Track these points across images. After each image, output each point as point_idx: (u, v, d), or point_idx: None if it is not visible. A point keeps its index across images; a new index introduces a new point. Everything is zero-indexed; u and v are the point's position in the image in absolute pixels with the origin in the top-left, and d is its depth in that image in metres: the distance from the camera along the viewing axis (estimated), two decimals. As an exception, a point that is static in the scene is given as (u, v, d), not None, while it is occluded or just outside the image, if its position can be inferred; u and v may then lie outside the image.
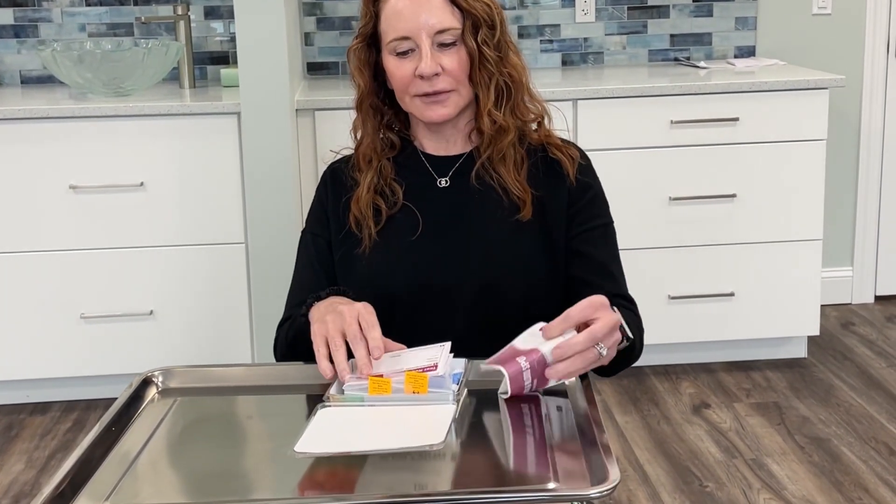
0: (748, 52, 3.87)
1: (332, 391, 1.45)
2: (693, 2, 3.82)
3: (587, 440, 1.33)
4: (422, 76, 1.66)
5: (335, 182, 1.80)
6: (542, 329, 1.44)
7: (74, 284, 3.20)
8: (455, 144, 1.78)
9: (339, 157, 1.84)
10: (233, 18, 3.38)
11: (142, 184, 3.16)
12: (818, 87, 3.33)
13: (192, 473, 1.35)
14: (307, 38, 3.72)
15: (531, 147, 1.77)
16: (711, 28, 3.84)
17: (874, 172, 4.00)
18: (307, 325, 1.58)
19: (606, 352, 1.41)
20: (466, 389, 1.46)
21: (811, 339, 3.62)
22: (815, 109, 3.34)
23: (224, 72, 3.50)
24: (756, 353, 3.56)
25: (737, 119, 3.32)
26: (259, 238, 3.07)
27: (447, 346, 1.50)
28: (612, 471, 1.22)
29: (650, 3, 3.81)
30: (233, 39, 3.61)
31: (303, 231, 1.83)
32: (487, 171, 1.74)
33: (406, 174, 1.77)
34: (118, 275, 3.21)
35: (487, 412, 1.42)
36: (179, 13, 3.49)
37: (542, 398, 1.45)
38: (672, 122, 3.31)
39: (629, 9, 3.80)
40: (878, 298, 4.11)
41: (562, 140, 1.79)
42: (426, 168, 1.77)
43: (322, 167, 2.55)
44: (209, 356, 3.22)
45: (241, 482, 1.32)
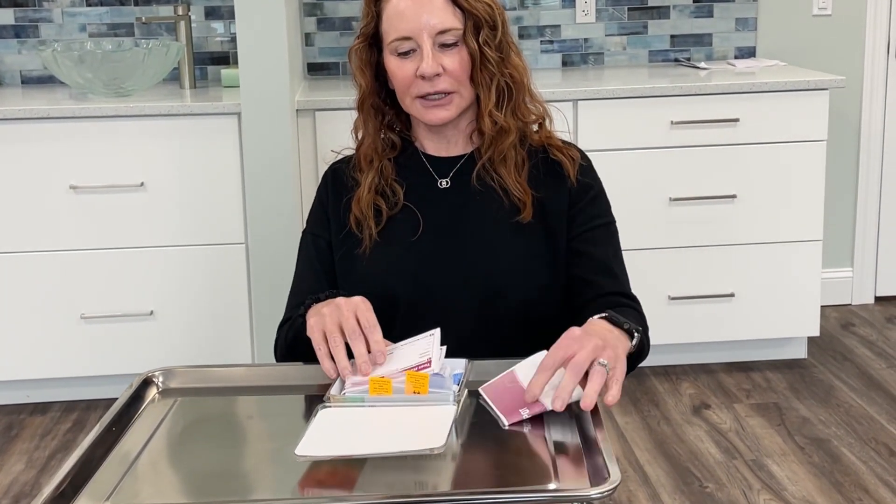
0: (748, 53, 3.87)
1: (333, 392, 1.45)
2: (693, 2, 3.82)
3: (587, 441, 1.33)
4: (423, 76, 1.66)
5: (336, 182, 1.80)
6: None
7: (75, 284, 3.20)
8: (456, 145, 1.78)
9: (340, 158, 1.84)
10: (233, 19, 3.37)
11: (142, 184, 3.16)
12: (818, 88, 3.33)
13: (193, 474, 1.35)
14: (308, 39, 3.72)
15: (532, 148, 1.77)
16: (712, 29, 3.84)
17: (874, 173, 4.00)
18: (305, 327, 1.58)
19: (609, 362, 1.38)
20: (467, 390, 1.46)
21: (811, 340, 3.62)
22: (816, 110, 3.34)
23: (224, 72, 3.50)
24: (756, 354, 3.56)
25: (737, 120, 3.32)
26: (259, 238, 3.07)
27: (437, 335, 1.49)
28: (613, 471, 1.22)
29: (650, 4, 3.81)
30: (233, 40, 3.61)
31: (303, 231, 1.83)
32: (488, 173, 1.73)
33: (407, 175, 1.77)
34: (118, 275, 3.21)
35: (488, 412, 1.42)
36: (180, 13, 3.49)
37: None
38: (672, 123, 3.31)
39: (629, 9, 3.80)
40: (878, 299, 4.11)
41: (562, 141, 1.79)
42: (427, 169, 1.77)
43: (322, 167, 2.56)
44: (209, 356, 3.22)
45: (242, 482, 1.32)
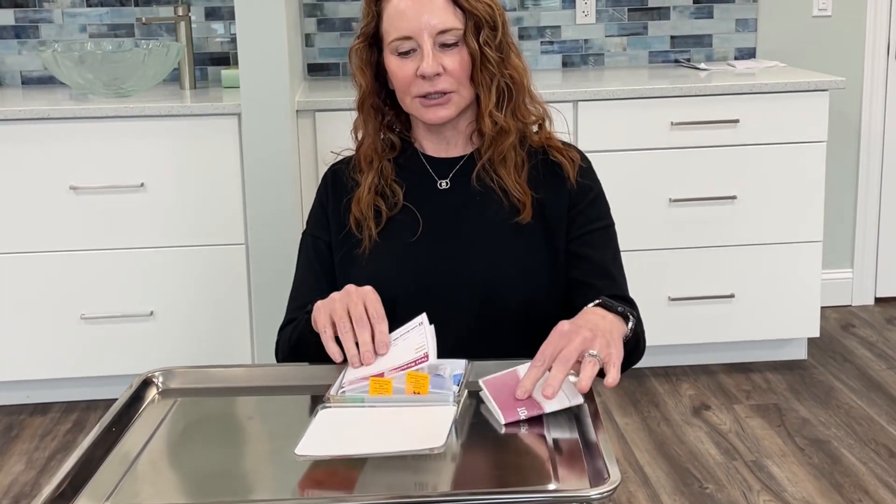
0: (748, 54, 3.87)
1: (333, 392, 1.45)
2: (693, 3, 3.82)
3: (587, 441, 1.33)
4: (423, 76, 1.66)
5: (336, 183, 1.80)
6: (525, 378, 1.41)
7: (75, 285, 3.20)
8: (456, 146, 1.78)
9: (340, 159, 1.84)
10: (233, 19, 3.37)
11: (142, 184, 3.16)
12: (818, 89, 3.33)
13: (193, 474, 1.35)
14: (308, 40, 3.73)
15: (532, 149, 1.77)
16: (712, 30, 3.85)
17: (874, 174, 4.00)
18: (309, 330, 1.58)
19: (599, 352, 1.39)
20: (467, 390, 1.46)
21: (811, 341, 3.62)
22: (816, 111, 3.34)
23: (224, 73, 3.51)
24: (756, 355, 3.56)
25: (737, 121, 3.32)
26: (259, 239, 3.07)
27: (425, 322, 1.50)
28: (613, 472, 1.22)
29: (650, 5, 3.81)
30: (233, 40, 3.61)
31: (303, 233, 1.83)
32: (488, 173, 1.73)
33: (406, 175, 1.77)
34: (118, 275, 3.21)
35: (488, 413, 1.42)
36: (180, 14, 3.49)
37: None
38: (672, 124, 3.31)
39: (629, 10, 3.81)
40: (879, 300, 4.11)
41: (562, 142, 1.79)
42: (426, 170, 1.77)
43: (322, 168, 2.56)
44: (209, 357, 3.22)
45: (242, 483, 1.32)
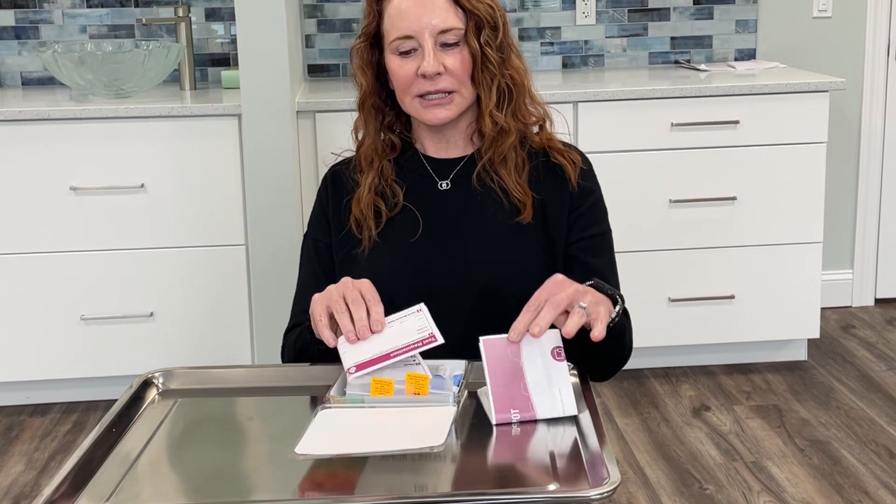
0: (749, 55, 3.87)
1: (333, 392, 1.45)
2: (693, 4, 3.82)
3: (587, 442, 1.33)
4: (424, 75, 1.66)
5: (336, 184, 1.80)
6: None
7: (75, 286, 3.20)
8: (456, 147, 1.78)
9: (340, 160, 1.84)
10: (234, 20, 3.37)
11: (142, 185, 3.16)
12: (818, 90, 3.33)
13: (193, 474, 1.35)
14: (308, 40, 3.73)
15: (532, 150, 1.77)
16: (712, 31, 3.85)
17: (874, 175, 4.00)
18: (311, 338, 1.59)
19: (588, 305, 1.44)
20: (467, 391, 1.46)
21: (811, 342, 3.62)
22: (816, 112, 3.34)
23: (225, 73, 3.51)
24: (756, 356, 3.55)
25: (737, 122, 3.32)
26: (259, 240, 3.07)
27: (424, 309, 1.51)
28: (612, 472, 1.23)
29: (651, 6, 3.81)
30: (233, 41, 3.61)
31: (304, 236, 1.83)
32: (488, 174, 1.74)
33: (407, 176, 1.77)
34: (119, 276, 3.21)
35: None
36: (180, 15, 3.49)
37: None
38: (672, 125, 3.31)
39: (630, 11, 3.81)
40: (879, 301, 4.11)
41: (563, 143, 1.79)
42: (427, 170, 1.77)
43: (322, 169, 2.56)
44: (209, 358, 3.22)
45: (242, 483, 1.32)
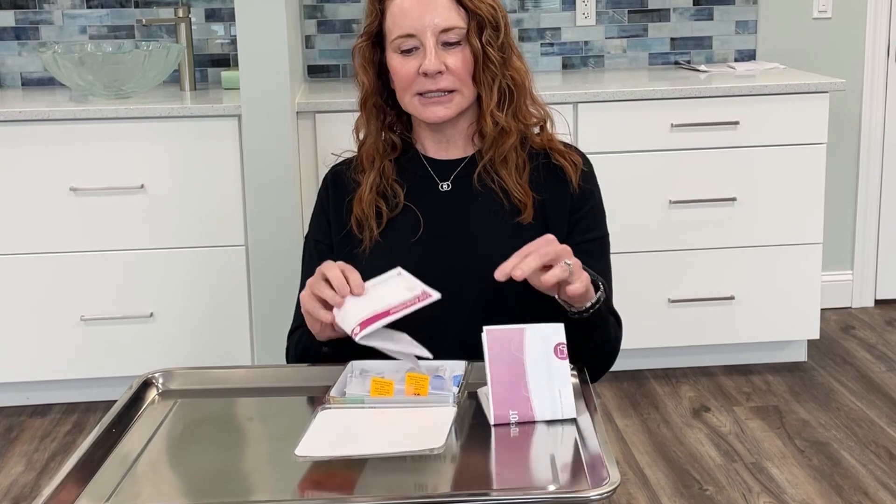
0: (749, 56, 3.87)
1: (333, 393, 1.45)
2: (693, 5, 3.82)
3: (587, 443, 1.33)
4: (425, 73, 1.66)
5: (336, 184, 1.80)
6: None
7: (75, 286, 3.20)
8: (456, 147, 1.78)
9: (340, 160, 1.84)
10: (234, 21, 3.37)
11: (142, 186, 3.16)
12: (818, 91, 3.33)
13: (193, 475, 1.35)
14: (308, 41, 3.73)
15: (533, 151, 1.77)
16: (712, 32, 3.85)
17: (874, 176, 4.00)
18: (311, 339, 1.59)
19: (573, 264, 1.49)
20: (467, 392, 1.46)
21: (811, 343, 3.62)
22: (816, 113, 3.34)
23: (225, 74, 3.51)
24: (756, 357, 3.55)
25: (737, 122, 3.32)
26: (259, 240, 3.07)
27: (403, 272, 1.52)
28: (612, 473, 1.23)
29: (651, 7, 3.81)
30: (233, 42, 3.61)
31: (305, 238, 1.83)
32: (489, 174, 1.74)
33: (407, 177, 1.77)
34: (118, 277, 3.21)
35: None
36: (180, 15, 3.49)
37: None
38: (672, 126, 3.31)
39: (630, 12, 3.81)
40: (879, 302, 4.11)
41: (564, 145, 1.79)
42: (427, 171, 1.77)
43: (322, 169, 2.55)
44: (209, 358, 3.22)
45: (242, 484, 1.32)
